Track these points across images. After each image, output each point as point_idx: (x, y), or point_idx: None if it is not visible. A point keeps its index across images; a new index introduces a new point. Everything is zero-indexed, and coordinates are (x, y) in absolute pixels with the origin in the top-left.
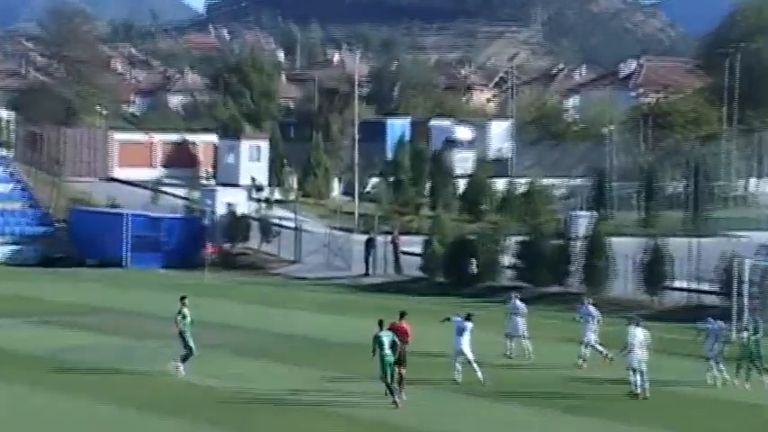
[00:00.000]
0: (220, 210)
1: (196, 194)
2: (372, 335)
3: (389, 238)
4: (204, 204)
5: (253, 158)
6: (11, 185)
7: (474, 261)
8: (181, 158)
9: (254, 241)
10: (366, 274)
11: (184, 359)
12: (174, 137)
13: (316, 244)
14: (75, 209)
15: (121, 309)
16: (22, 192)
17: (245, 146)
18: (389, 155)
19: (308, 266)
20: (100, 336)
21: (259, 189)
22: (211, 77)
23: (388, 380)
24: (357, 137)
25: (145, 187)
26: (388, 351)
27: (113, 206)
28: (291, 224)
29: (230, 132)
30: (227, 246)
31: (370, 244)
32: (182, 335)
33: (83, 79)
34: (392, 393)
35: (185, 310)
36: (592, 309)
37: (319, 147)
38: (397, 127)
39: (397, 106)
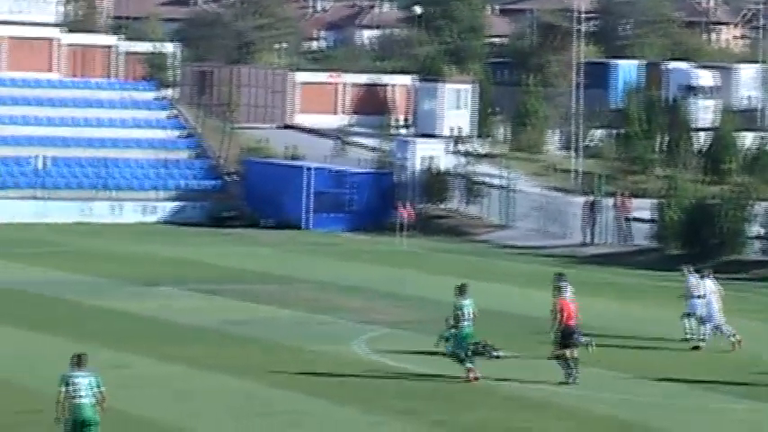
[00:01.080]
0: (416, 164)
1: (388, 146)
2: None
3: (615, 201)
4: (397, 158)
5: (456, 105)
6: (175, 132)
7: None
8: (371, 103)
9: (456, 202)
10: (586, 243)
11: None
12: (363, 78)
13: (527, 206)
14: (249, 160)
15: (299, 278)
16: (188, 139)
17: (447, 90)
18: (616, 103)
19: (519, 232)
20: (273, 307)
21: (462, 141)
22: (408, 9)
23: (465, 353)
24: (578, 81)
25: (329, 136)
26: (468, 321)
27: (293, 158)
28: (500, 183)
29: (429, 74)
30: (423, 207)
31: (591, 208)
32: None
33: (261, 10)
34: (468, 366)
35: None
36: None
37: (534, 92)
38: (627, 70)
39: (626, 46)
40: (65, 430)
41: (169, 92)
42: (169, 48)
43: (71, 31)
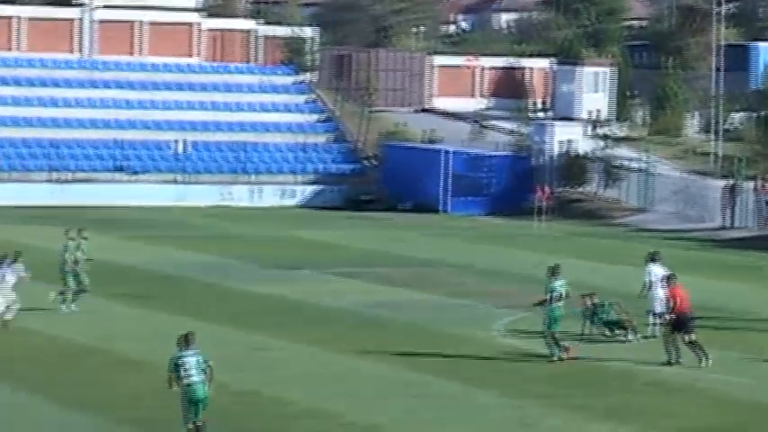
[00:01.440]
0: (554, 148)
1: (526, 129)
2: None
3: (755, 184)
4: (535, 141)
5: (594, 88)
6: (314, 116)
7: None
8: (509, 87)
9: (594, 185)
10: (726, 227)
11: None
12: (501, 61)
13: (667, 190)
14: (387, 144)
15: (438, 261)
16: (326, 123)
17: (585, 73)
18: (757, 86)
19: (658, 216)
20: (412, 291)
21: (601, 124)
22: None
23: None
24: (718, 64)
25: (466, 120)
26: (559, 303)
27: (430, 141)
28: (638, 166)
29: (568, 57)
30: (561, 190)
31: (731, 191)
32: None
33: None
34: (558, 348)
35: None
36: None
37: (673, 75)
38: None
39: (767, 28)
40: (181, 409)
41: (307, 76)
42: (307, 32)
43: (210, 15)
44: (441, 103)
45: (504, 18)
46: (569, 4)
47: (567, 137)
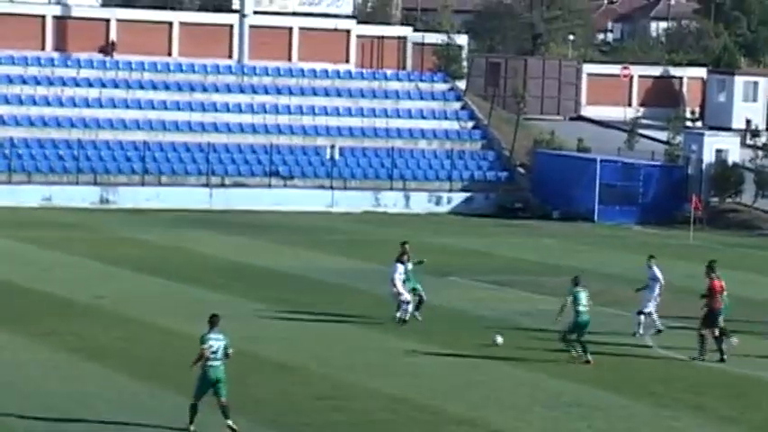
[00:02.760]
0: (708, 157)
1: (679, 138)
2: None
3: None
4: (689, 150)
5: (749, 97)
6: (465, 123)
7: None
8: (662, 95)
9: (749, 195)
10: None
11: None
12: (655, 70)
13: None
14: (539, 152)
15: (588, 270)
16: (477, 130)
17: (740, 82)
18: None
19: None
20: (560, 300)
21: (756, 134)
22: (702, 1)
23: (575, 338)
24: None
25: (619, 128)
26: (583, 308)
27: (582, 150)
28: None
29: (722, 66)
30: (715, 200)
31: None
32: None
33: (552, 2)
34: (584, 351)
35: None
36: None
37: None
38: None
39: None
40: (196, 385)
41: (459, 83)
42: (460, 39)
43: (363, 22)
44: (592, 111)
45: (659, 26)
46: (725, 13)
47: (720, 146)
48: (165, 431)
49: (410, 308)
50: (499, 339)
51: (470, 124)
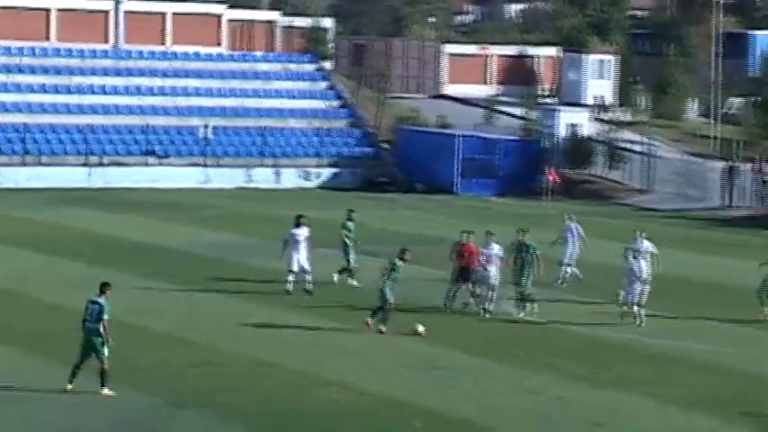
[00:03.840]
0: (561, 131)
1: (534, 114)
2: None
3: (753, 165)
4: (543, 125)
5: (598, 75)
6: (332, 102)
7: None
8: (518, 74)
9: (599, 167)
10: (725, 206)
11: (340, 271)
12: (511, 50)
13: (668, 171)
14: (402, 128)
15: (452, 239)
16: (343, 109)
17: (591, 60)
18: (754, 72)
19: (659, 196)
20: (422, 269)
21: (605, 109)
22: None
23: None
24: (717, 51)
25: (478, 105)
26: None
27: (443, 126)
28: (641, 149)
29: (574, 45)
30: (567, 171)
31: (730, 172)
32: (345, 247)
33: None
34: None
35: (350, 224)
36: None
37: (674, 63)
38: (764, 41)
39: (764, 17)
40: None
41: (326, 64)
42: (326, 22)
43: (233, 7)
44: (452, 89)
45: (514, 8)
46: None
47: (573, 121)
48: (48, 395)
49: (291, 276)
50: (420, 329)
51: (337, 103)
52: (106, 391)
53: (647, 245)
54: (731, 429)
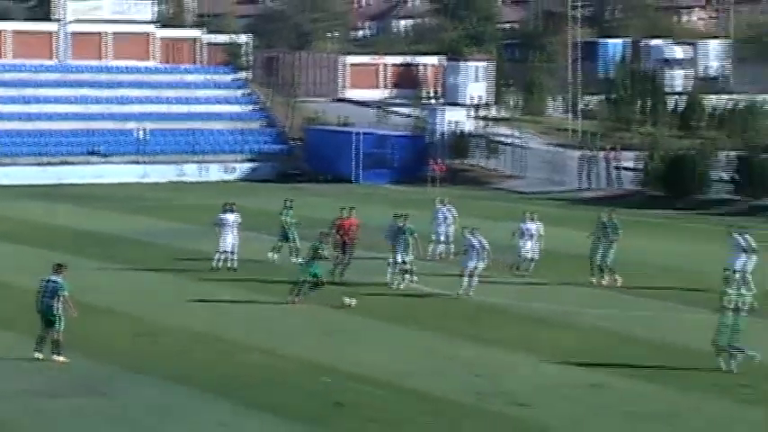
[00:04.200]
0: (445, 128)
1: (421, 113)
2: None
3: (606, 153)
4: (429, 123)
5: (475, 78)
6: (249, 106)
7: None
8: (407, 79)
9: (477, 157)
10: (583, 189)
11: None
12: (400, 59)
13: (535, 160)
14: (309, 128)
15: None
16: (259, 112)
17: (469, 67)
18: (606, 74)
19: (528, 181)
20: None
21: (481, 108)
22: (436, 2)
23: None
24: (575, 57)
25: (373, 107)
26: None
27: (344, 125)
28: (512, 141)
29: (454, 54)
30: (450, 162)
31: (587, 159)
32: (283, 231)
33: (316, 6)
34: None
35: (290, 211)
36: (741, 239)
37: (538, 67)
38: (613, 47)
39: (613, 27)
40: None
41: (243, 74)
42: (243, 38)
43: (163, 26)
44: (352, 93)
45: (402, 23)
46: (455, 11)
47: (454, 119)
48: (8, 363)
49: (219, 256)
50: (347, 300)
51: (253, 107)
52: (60, 358)
53: (536, 225)
54: (597, 378)
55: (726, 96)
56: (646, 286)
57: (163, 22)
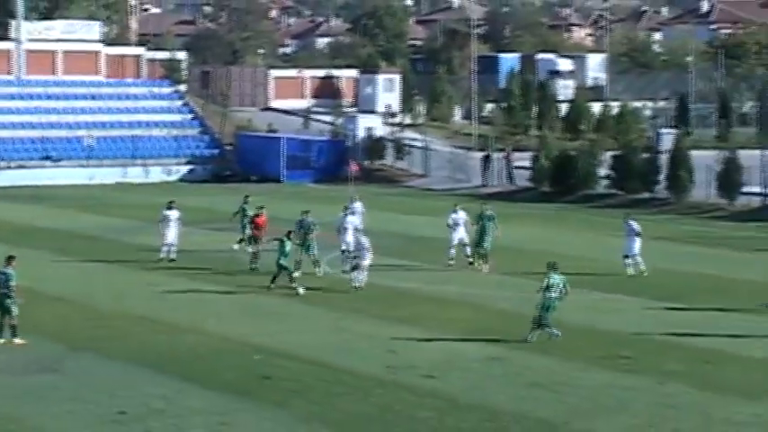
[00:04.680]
0: (360, 133)
1: (340, 120)
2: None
3: (503, 154)
4: (347, 129)
5: (387, 89)
6: (186, 116)
7: None
8: (327, 91)
9: (389, 159)
10: (483, 185)
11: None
12: (321, 73)
13: (440, 161)
14: (240, 134)
15: (279, 218)
16: (195, 121)
17: (381, 79)
18: (502, 84)
19: (435, 179)
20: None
21: (392, 115)
22: (352, 22)
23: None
24: (474, 69)
25: (297, 115)
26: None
27: (271, 131)
28: (420, 144)
29: (368, 68)
30: (366, 163)
31: (486, 160)
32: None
33: (245, 26)
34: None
35: (247, 207)
36: (634, 224)
37: (443, 79)
38: (508, 61)
39: (508, 43)
40: None
41: (181, 87)
42: (181, 55)
43: (109, 45)
44: (278, 103)
45: (322, 41)
46: (368, 30)
47: (369, 125)
48: None
49: (165, 248)
50: (301, 291)
51: (190, 116)
52: (18, 340)
53: (462, 215)
54: (496, 352)
55: (605, 102)
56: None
57: (109, 41)
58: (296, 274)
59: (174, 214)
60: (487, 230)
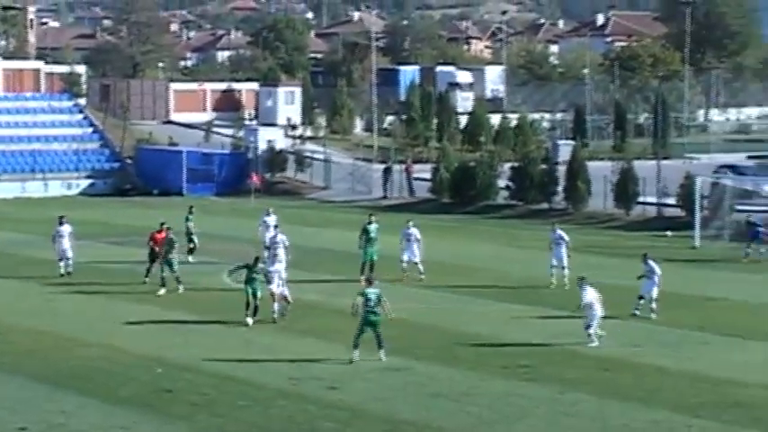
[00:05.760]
0: (262, 145)
1: (241, 133)
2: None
3: (403, 166)
4: (248, 141)
5: (288, 102)
6: (86, 129)
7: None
8: (227, 103)
9: (291, 171)
10: (384, 197)
11: (189, 251)
12: (221, 86)
13: (342, 173)
14: (141, 147)
15: (181, 230)
16: (95, 134)
17: (282, 92)
18: (402, 97)
19: (336, 192)
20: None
21: (293, 127)
22: (252, 35)
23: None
24: (375, 82)
25: (198, 128)
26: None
27: (172, 144)
28: (321, 156)
29: (269, 81)
30: (267, 175)
31: (387, 172)
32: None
33: (145, 39)
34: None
35: (191, 216)
36: (561, 233)
37: (343, 91)
38: (408, 73)
39: (407, 56)
40: None
41: (80, 100)
42: (80, 69)
43: (7, 58)
44: (178, 116)
45: (223, 55)
46: (268, 43)
47: (270, 138)
48: None
49: (62, 263)
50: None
51: (90, 129)
52: None
53: (414, 231)
54: (399, 363)
55: (503, 114)
56: (443, 284)
57: (6, 54)
58: (160, 293)
59: (66, 229)
60: (375, 243)
